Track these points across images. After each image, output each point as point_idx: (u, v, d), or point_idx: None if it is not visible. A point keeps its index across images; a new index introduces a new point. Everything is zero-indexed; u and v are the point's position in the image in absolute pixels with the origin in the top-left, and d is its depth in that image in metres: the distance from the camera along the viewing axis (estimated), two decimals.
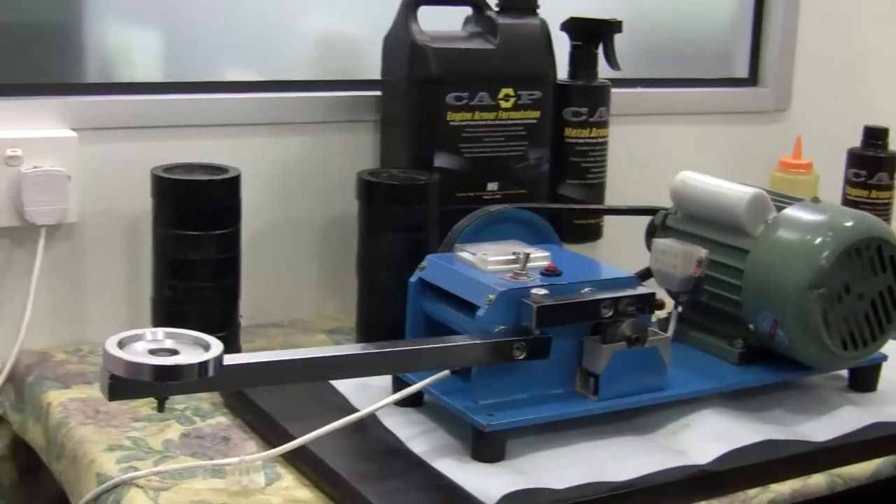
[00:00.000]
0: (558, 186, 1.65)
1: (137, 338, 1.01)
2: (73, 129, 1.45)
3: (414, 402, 1.26)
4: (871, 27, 2.12)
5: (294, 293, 1.64)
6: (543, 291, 1.17)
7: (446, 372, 1.18)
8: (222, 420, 1.28)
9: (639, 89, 1.89)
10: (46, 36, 1.49)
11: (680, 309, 1.36)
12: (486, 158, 1.55)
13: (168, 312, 1.38)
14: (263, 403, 1.25)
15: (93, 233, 1.49)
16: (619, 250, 1.66)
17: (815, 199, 1.33)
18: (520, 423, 1.16)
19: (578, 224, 1.65)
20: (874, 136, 1.81)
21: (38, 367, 1.42)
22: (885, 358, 1.36)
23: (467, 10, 1.59)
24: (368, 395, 1.26)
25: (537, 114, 1.57)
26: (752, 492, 1.16)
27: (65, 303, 1.50)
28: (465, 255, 1.26)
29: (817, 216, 1.28)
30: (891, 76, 2.14)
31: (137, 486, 1.12)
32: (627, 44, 1.69)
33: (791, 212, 1.30)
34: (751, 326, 1.30)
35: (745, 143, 1.99)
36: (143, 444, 1.21)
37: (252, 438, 1.24)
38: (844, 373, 1.38)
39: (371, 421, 1.22)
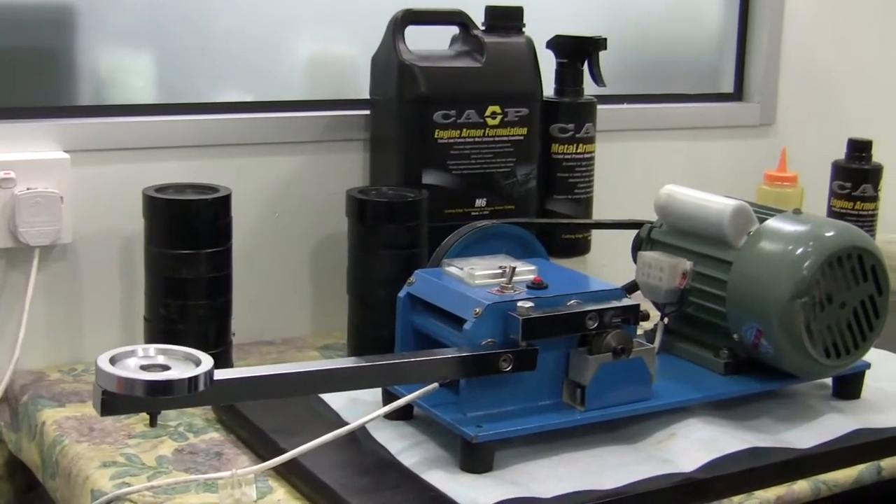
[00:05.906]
0: (546, 202, 1.66)
1: (129, 354, 1.02)
2: (66, 151, 1.47)
3: (404, 415, 1.27)
4: (854, 42, 2.13)
5: (286, 311, 1.65)
6: (529, 304, 1.18)
7: (435, 385, 1.19)
8: (215, 436, 1.29)
9: (625, 105, 1.90)
10: (40, 59, 1.50)
11: (666, 320, 1.38)
12: (475, 175, 1.56)
13: (161, 331, 1.39)
14: (256, 419, 1.26)
15: (86, 253, 1.51)
16: (608, 264, 1.68)
17: (797, 211, 1.35)
18: (508, 434, 1.18)
19: (567, 238, 1.67)
20: (858, 148, 1.83)
21: (32, 386, 1.43)
22: (868, 366, 1.37)
23: (454, 30, 1.60)
24: (360, 410, 1.27)
25: (524, 130, 1.59)
26: (737, 499, 1.17)
27: (59, 323, 1.51)
28: (452, 269, 1.28)
29: (799, 227, 1.30)
30: (874, 89, 2.16)
31: (131, 501, 1.14)
32: (614, 60, 1.71)
33: (773, 223, 1.32)
34: (735, 336, 1.31)
35: (731, 157, 2.01)
36: (137, 461, 1.23)
37: (245, 453, 1.25)
38: (829, 381, 1.40)
39: (362, 435, 1.24)
